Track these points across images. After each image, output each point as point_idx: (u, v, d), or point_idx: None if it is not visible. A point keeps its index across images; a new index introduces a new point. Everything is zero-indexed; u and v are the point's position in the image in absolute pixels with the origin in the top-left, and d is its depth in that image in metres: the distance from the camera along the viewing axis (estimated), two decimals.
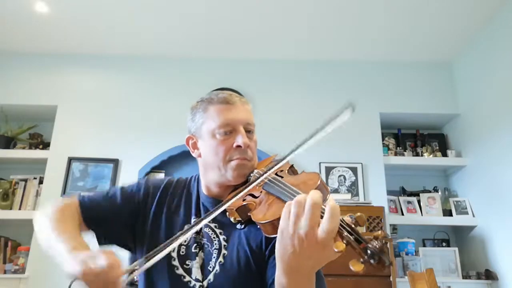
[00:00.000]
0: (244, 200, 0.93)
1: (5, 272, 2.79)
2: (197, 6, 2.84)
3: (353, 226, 0.66)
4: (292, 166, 1.02)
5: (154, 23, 3.04)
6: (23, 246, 2.93)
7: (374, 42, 3.21)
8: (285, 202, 0.76)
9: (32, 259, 2.81)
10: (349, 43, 3.25)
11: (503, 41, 2.81)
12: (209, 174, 1.03)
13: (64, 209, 0.98)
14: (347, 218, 0.67)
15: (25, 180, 3.13)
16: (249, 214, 0.89)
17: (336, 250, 0.62)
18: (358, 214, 0.66)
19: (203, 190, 1.06)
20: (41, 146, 3.20)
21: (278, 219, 0.72)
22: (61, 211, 0.97)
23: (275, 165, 0.92)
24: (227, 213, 0.97)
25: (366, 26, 3.03)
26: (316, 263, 0.69)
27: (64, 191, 2.99)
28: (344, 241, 0.64)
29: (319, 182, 0.80)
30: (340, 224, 0.65)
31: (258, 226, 0.87)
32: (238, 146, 0.97)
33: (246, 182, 1.00)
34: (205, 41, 3.25)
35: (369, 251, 0.62)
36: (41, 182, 3.10)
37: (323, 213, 0.64)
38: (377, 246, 0.61)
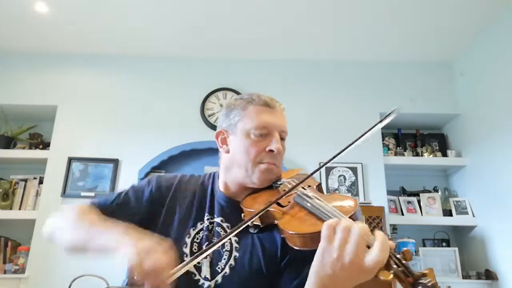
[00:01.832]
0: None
1: (5, 272, 2.79)
2: (197, 6, 2.84)
3: (400, 258, 0.66)
4: (319, 184, 1.00)
5: (154, 23, 3.04)
6: (23, 246, 2.92)
7: (374, 42, 3.21)
8: (320, 219, 0.76)
9: (32, 259, 2.81)
10: (349, 43, 3.24)
11: (503, 41, 2.81)
12: (233, 171, 1.01)
13: (79, 209, 0.96)
14: (392, 244, 0.67)
15: (25, 180, 3.13)
16: (275, 222, 0.86)
17: (382, 278, 0.63)
18: (405, 248, 0.67)
19: (220, 187, 1.05)
20: (41, 146, 3.20)
21: (311, 234, 0.73)
22: (80, 211, 0.94)
23: (311, 174, 0.91)
24: (243, 215, 0.95)
25: (367, 26, 3.02)
26: (351, 285, 0.70)
27: (64, 191, 2.99)
28: (391, 271, 0.64)
29: (357, 209, 0.78)
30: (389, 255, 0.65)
31: (282, 235, 0.84)
32: (271, 151, 0.97)
33: (268, 188, 0.99)
34: (205, 41, 3.25)
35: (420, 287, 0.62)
36: (41, 182, 3.09)
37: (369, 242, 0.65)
38: (429, 285, 0.61)
